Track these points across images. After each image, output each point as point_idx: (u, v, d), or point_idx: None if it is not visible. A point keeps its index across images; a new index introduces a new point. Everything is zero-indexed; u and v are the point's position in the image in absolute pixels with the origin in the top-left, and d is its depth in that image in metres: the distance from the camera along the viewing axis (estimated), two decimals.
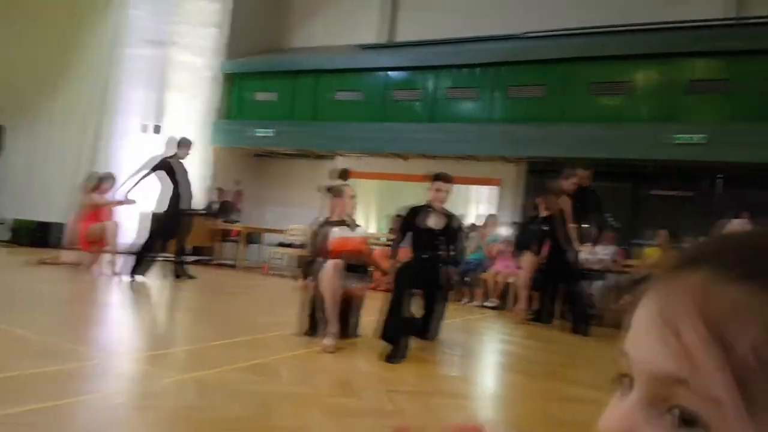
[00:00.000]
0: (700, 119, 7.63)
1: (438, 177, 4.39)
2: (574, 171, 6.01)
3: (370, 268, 4.59)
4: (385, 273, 4.53)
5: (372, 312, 4.54)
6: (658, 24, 8.44)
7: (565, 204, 5.95)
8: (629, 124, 7.98)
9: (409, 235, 4.41)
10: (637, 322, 0.34)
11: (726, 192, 8.02)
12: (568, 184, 5.98)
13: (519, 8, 9.67)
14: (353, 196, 4.48)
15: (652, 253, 7.09)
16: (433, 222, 4.32)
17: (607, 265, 7.11)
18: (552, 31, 9.17)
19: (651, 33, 8.43)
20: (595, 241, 6.89)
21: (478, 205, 9.94)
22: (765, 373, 0.28)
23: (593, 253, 6.80)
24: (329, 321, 3.97)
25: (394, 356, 3.85)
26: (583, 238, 6.05)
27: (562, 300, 6.36)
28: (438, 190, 4.33)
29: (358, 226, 4.51)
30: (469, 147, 8.87)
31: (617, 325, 5.95)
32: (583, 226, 6.05)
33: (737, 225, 5.94)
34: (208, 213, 9.57)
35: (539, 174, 8.57)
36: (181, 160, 6.88)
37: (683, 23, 8.30)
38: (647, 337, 0.33)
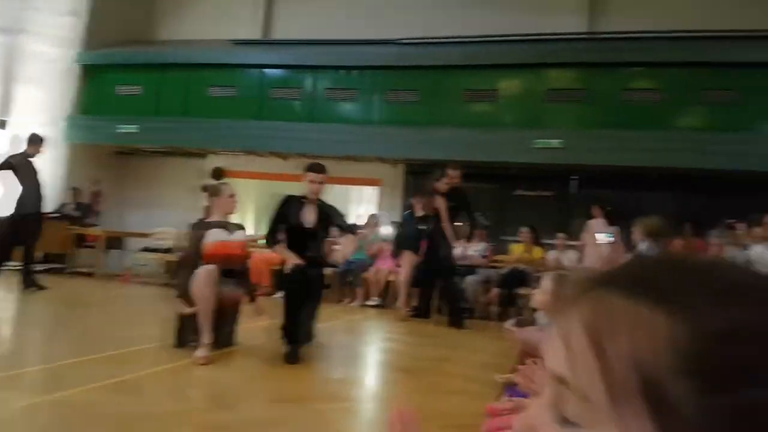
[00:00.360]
0: (559, 125, 8.29)
1: (311, 168, 4.20)
2: (446, 172, 6.24)
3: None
4: (254, 292, 4.26)
5: (250, 319, 4.35)
6: (522, 36, 9.02)
7: (440, 203, 6.16)
8: (496, 129, 8.49)
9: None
10: (551, 338, 0.39)
11: (582, 192, 8.77)
12: (441, 184, 6.19)
13: (398, 14, 9.83)
14: (233, 196, 4.21)
15: (517, 249, 7.65)
16: (307, 218, 4.16)
17: (478, 260, 7.50)
18: (427, 38, 9.45)
19: (516, 44, 8.99)
20: (468, 239, 7.22)
21: (360, 205, 10.00)
22: (630, 375, 0.32)
23: (466, 250, 7.12)
24: (202, 330, 3.71)
25: (293, 356, 3.79)
26: (457, 236, 6.31)
27: (438, 295, 6.57)
28: (312, 181, 4.14)
29: (239, 227, 4.26)
30: (349, 147, 8.88)
31: (488, 317, 6.29)
32: (456, 224, 6.31)
33: (595, 225, 6.50)
34: (62, 216, 8.67)
35: (417, 175, 8.80)
36: (31, 159, 6.23)
37: (545, 36, 8.95)
38: (552, 347, 0.37)
